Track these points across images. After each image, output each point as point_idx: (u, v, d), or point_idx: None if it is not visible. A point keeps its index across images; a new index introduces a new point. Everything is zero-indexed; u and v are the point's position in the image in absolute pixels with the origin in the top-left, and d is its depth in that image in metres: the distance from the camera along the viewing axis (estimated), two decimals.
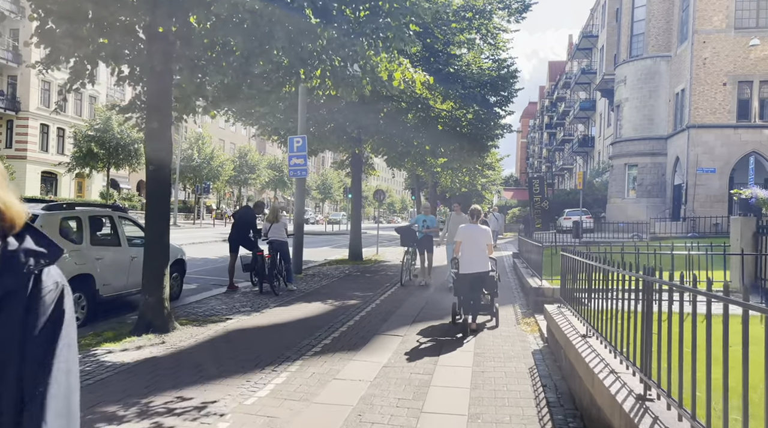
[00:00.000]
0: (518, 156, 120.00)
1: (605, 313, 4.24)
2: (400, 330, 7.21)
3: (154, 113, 6.86)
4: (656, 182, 31.77)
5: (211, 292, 10.33)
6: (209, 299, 9.44)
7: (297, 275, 12.57)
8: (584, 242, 19.71)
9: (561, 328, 5.14)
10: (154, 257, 6.82)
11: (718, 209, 27.06)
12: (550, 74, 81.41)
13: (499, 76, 16.04)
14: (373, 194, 20.87)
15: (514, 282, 12.27)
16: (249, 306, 8.79)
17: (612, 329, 3.93)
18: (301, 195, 12.91)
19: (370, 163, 19.63)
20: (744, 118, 27.37)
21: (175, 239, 24.86)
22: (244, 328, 7.12)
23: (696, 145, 27.63)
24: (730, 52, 27.34)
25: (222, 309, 8.51)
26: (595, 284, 4.96)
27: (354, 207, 17.37)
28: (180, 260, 9.70)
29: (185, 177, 46.79)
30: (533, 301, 8.48)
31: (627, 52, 33.34)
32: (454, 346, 6.37)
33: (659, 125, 31.64)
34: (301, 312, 8.30)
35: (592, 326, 4.55)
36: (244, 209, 10.78)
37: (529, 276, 10.09)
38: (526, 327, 7.49)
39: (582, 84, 52.85)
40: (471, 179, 39.13)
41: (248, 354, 5.80)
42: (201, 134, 46.59)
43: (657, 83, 31.64)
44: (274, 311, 8.35)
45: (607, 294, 4.28)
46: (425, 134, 15.97)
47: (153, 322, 6.73)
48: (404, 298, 9.75)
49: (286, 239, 10.51)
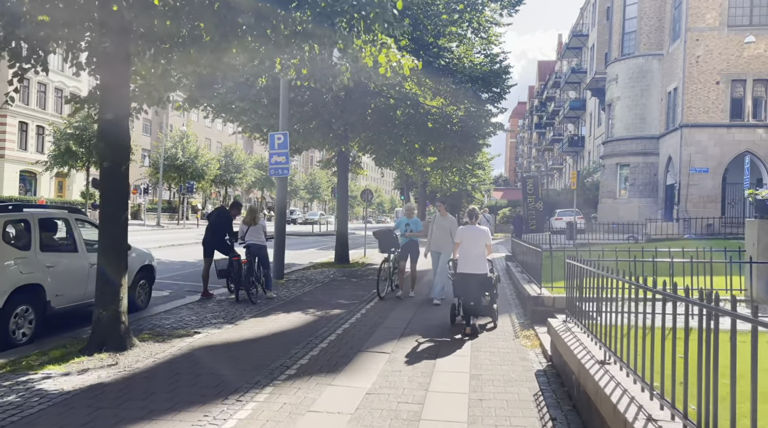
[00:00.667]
0: (507, 156, 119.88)
1: (630, 335, 3.55)
2: (387, 345, 6.48)
3: (109, 103, 6.07)
4: (648, 182, 31.37)
5: (183, 300, 9.54)
6: (180, 309, 8.65)
7: (278, 281, 11.80)
8: (578, 244, 19.14)
9: (571, 350, 4.44)
10: (109, 265, 6.03)
11: (711, 209, 26.68)
12: (539, 74, 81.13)
13: (491, 72, 15.39)
14: (361, 193, 20.13)
15: (509, 288, 11.59)
16: (222, 317, 8.02)
17: (643, 358, 3.24)
18: (283, 195, 12.14)
19: (357, 162, 18.89)
20: (737, 117, 27.01)
21: (156, 240, 23.91)
22: (212, 344, 6.35)
23: (689, 144, 27.22)
24: (723, 50, 26.97)
25: (192, 321, 7.73)
26: (609, 296, 4.28)
27: (340, 207, 16.62)
28: (148, 266, 8.89)
29: (169, 176, 45.69)
30: (532, 311, 7.79)
31: (618, 51, 32.90)
32: (447, 365, 5.66)
33: (651, 125, 31.24)
34: (277, 324, 7.54)
35: (612, 350, 3.86)
36: (219, 210, 9.98)
37: (526, 282, 9.41)
38: (526, 341, 6.80)
39: (572, 83, 52.50)
40: (461, 179, 38.55)
41: (211, 378, 5.05)
42: (185, 132, 45.50)
43: (649, 82, 31.24)
44: (248, 324, 7.59)
45: (631, 312, 3.60)
46: (415, 131, 15.26)
47: (107, 339, 5.95)
48: (391, 308, 9.02)
49: (264, 243, 9.75)
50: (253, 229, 9.66)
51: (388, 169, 19.91)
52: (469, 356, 6.06)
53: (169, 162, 44.01)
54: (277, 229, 12.09)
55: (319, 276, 13.06)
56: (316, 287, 11.38)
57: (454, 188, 44.02)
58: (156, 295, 10.09)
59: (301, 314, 8.37)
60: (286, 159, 11.74)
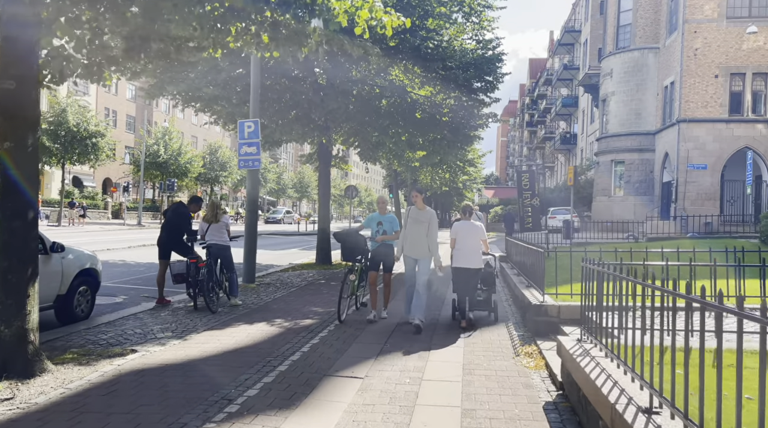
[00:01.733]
0: (498, 155, 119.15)
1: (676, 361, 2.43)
2: (361, 367, 5.34)
3: (11, 69, 4.87)
4: (644, 179, 30.47)
5: (136, 308, 8.34)
6: (126, 320, 7.46)
7: (249, 285, 10.62)
8: (576, 243, 18.12)
9: (597, 386, 3.32)
10: (12, 270, 4.84)
11: (709, 207, 25.80)
12: (530, 71, 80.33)
13: (483, 58, 14.27)
14: (344, 190, 18.97)
15: (504, 292, 10.49)
16: (172, 330, 6.84)
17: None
18: (255, 190, 10.95)
19: (341, 156, 17.72)
20: (736, 112, 26.14)
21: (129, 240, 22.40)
22: (146, 368, 5.17)
23: (686, 140, 26.31)
24: (722, 42, 26.08)
25: (134, 335, 6.54)
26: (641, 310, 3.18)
27: (321, 205, 15.45)
28: (89, 270, 7.69)
29: (151, 174, 44.23)
30: (533, 322, 6.68)
31: (613, 44, 31.97)
32: (433, 396, 4.53)
33: (647, 120, 30.34)
34: (234, 340, 6.37)
35: (667, 399, 2.73)
36: (176, 207, 8.77)
37: (525, 287, 8.30)
38: (528, 359, 5.68)
39: (564, 80, 51.63)
40: (452, 177, 37.55)
41: (124, 422, 3.87)
42: (167, 128, 44.04)
43: (645, 76, 30.33)
44: (199, 338, 6.41)
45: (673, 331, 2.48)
46: (402, 122, 14.13)
47: (9, 364, 4.76)
48: (354, 334, 7.85)
49: (227, 243, 8.57)
50: (214, 227, 8.48)
51: (374, 164, 18.75)
52: (461, 381, 4.94)
53: (150, 159, 42.56)
54: (248, 227, 10.90)
55: (296, 279, 11.89)
56: (290, 291, 10.21)
57: (445, 186, 43.06)
58: (106, 302, 8.90)
59: (265, 325, 7.21)
60: (257, 150, 10.55)
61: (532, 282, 8.23)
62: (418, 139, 15.33)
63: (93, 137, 33.13)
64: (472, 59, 13.67)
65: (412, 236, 7.34)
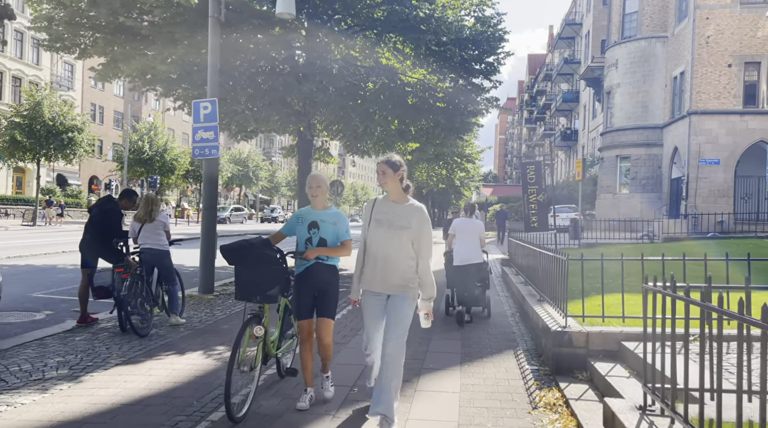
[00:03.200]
0: (497, 153, 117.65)
1: None
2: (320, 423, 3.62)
3: None
4: (651, 175, 28.85)
5: (50, 329, 6.66)
6: (24, 347, 5.78)
7: (206, 297, 8.93)
8: (585, 244, 16.48)
9: None
10: None
11: (722, 204, 24.20)
12: (529, 67, 78.70)
13: (483, 35, 12.58)
14: (330, 183, 17.29)
15: (507, 305, 8.82)
16: (71, 365, 5.15)
17: None
18: (213, 183, 9.26)
19: (325, 148, 16.04)
20: (751, 103, 24.55)
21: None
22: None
23: (698, 133, 24.70)
24: (735, 29, 24.47)
25: (17, 373, 4.87)
26: None
27: (301, 203, 13.78)
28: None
29: (135, 171, 42.43)
30: (552, 352, 5.01)
31: (618, 34, 30.33)
32: None
33: (654, 113, 28.72)
34: (147, 381, 4.69)
35: None
36: (103, 202, 7.05)
37: (536, 303, 6.64)
38: (551, 415, 4.00)
39: (564, 75, 50.02)
40: (448, 174, 35.92)
41: None
42: (152, 123, 42.27)
43: (652, 67, 28.70)
44: (101, 379, 4.73)
45: None
46: (391, 106, 12.45)
47: None
48: (337, 350, 6.03)
49: (165, 248, 6.88)
50: (148, 228, 6.79)
51: (363, 158, 17.07)
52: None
53: (134, 156, 40.77)
54: (205, 228, 9.21)
55: None
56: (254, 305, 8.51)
57: (442, 184, 41.43)
58: (20, 320, 7.23)
59: (200, 356, 5.53)
60: (214, 135, 8.86)
61: (545, 296, 6.57)
62: (410, 127, 13.65)
63: (69, 132, 31.30)
64: (470, 35, 11.99)
65: (380, 253, 3.69)
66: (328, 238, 4.10)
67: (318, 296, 4.11)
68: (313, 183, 4.12)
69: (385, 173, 3.68)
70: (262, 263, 3.93)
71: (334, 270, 4.20)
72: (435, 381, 4.82)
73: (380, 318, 3.77)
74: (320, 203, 4.16)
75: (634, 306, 5.51)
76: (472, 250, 7.38)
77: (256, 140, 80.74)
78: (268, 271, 3.93)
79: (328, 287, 4.11)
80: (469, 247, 7.39)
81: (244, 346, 3.89)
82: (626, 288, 5.43)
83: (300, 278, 4.14)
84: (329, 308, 4.09)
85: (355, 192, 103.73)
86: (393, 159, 3.69)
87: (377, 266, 3.70)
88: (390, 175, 3.68)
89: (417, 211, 3.68)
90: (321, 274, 4.10)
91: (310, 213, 4.16)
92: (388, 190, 3.75)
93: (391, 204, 3.75)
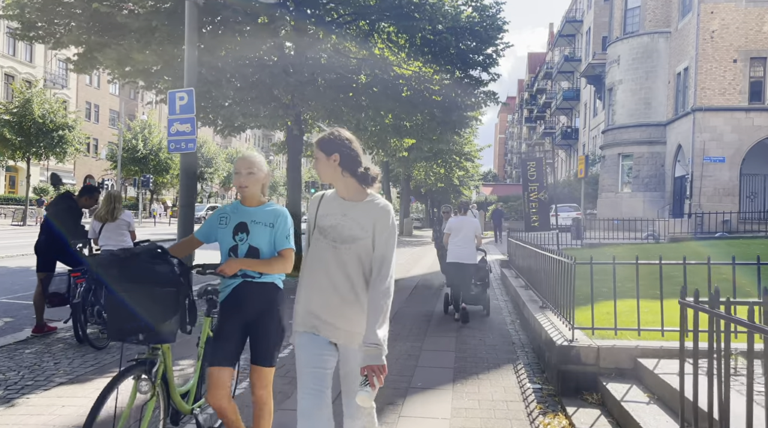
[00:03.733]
0: (496, 152, 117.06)
1: None
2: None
3: None
4: (654, 173, 28.23)
5: (1, 340, 6.03)
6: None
7: None
8: (588, 244, 15.85)
9: None
10: None
11: (727, 203, 23.58)
12: (529, 66, 78.07)
13: (481, 25, 11.94)
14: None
15: (506, 310, 8.20)
16: (7, 384, 4.53)
17: None
18: (191, 180, 8.62)
19: None
20: (757, 99, 23.93)
21: None
22: None
23: (702, 130, 24.06)
24: (741, 24, 23.85)
25: None
26: None
27: (290, 201, 13.16)
28: None
29: (129, 170, 41.82)
30: (558, 372, 4.37)
31: (620, 29, 29.70)
32: None
33: (657, 110, 28.10)
34: (85, 408, 4.03)
35: None
36: (58, 199, 6.42)
37: (539, 311, 6.01)
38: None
39: (565, 73, 49.41)
40: (447, 172, 35.26)
41: None
42: (146, 121, 41.63)
43: (655, 63, 28.08)
44: (36, 403, 4.10)
45: None
46: (384, 100, 11.81)
47: None
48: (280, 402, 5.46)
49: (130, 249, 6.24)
50: (110, 228, 6.15)
51: None
52: None
53: (128, 155, 40.17)
54: (182, 227, 8.57)
55: None
56: None
57: (441, 182, 40.76)
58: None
59: None
60: (191, 128, 8.22)
61: (548, 302, 5.93)
62: (405, 122, 13.02)
63: (60, 130, 30.65)
64: (467, 24, 11.36)
65: (322, 281, 2.41)
66: (261, 247, 2.84)
67: (249, 332, 2.86)
68: (241, 168, 2.86)
69: (318, 160, 2.40)
70: (148, 284, 2.61)
71: (273, 292, 2.89)
72: (423, 403, 4.19)
73: (322, 380, 2.33)
74: (252, 196, 2.91)
75: (649, 315, 4.88)
76: (465, 249, 7.40)
77: (254, 139, 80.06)
78: (159, 295, 2.61)
79: (262, 317, 2.83)
80: (463, 246, 7.42)
81: (128, 406, 2.67)
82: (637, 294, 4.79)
83: (223, 307, 2.90)
84: (264, 351, 2.80)
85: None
86: (325, 137, 2.41)
87: (316, 299, 2.37)
88: (322, 160, 2.37)
89: (379, 213, 2.35)
90: (251, 299, 2.83)
91: (238, 211, 2.93)
92: (325, 175, 2.41)
93: (341, 202, 2.41)
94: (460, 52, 12.22)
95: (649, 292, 5.34)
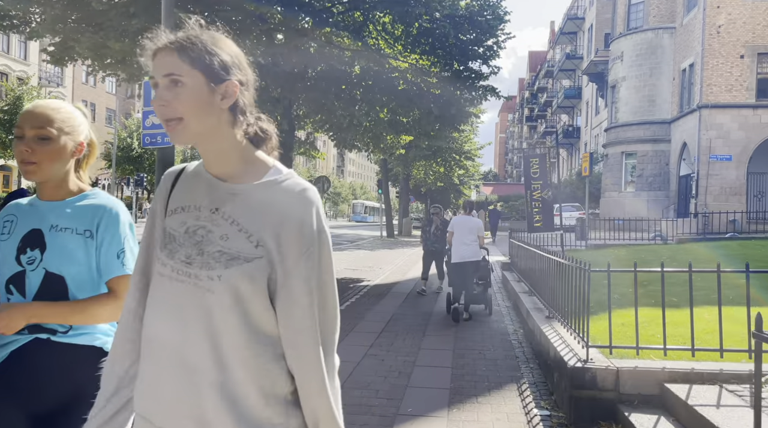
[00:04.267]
0: (497, 151, 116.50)
1: None
2: None
3: None
4: (658, 172, 27.61)
5: None
6: None
7: None
8: (592, 245, 15.24)
9: None
10: None
11: (734, 203, 22.95)
12: (530, 64, 77.49)
13: (480, 16, 11.33)
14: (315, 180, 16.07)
15: (509, 318, 7.58)
16: None
17: None
18: None
19: (311, 141, 14.80)
20: (764, 96, 23.30)
21: None
22: None
23: (708, 128, 23.44)
24: (748, 19, 23.22)
25: None
26: None
27: None
28: None
29: (124, 169, 41.20)
30: (570, 396, 3.75)
31: (624, 25, 29.08)
32: None
33: (662, 107, 27.48)
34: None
35: None
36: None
37: (545, 321, 5.39)
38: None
39: (566, 71, 48.82)
40: (447, 171, 34.64)
41: None
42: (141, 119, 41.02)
43: (659, 59, 27.46)
44: None
45: None
46: (379, 94, 11.21)
47: None
48: None
49: None
50: None
51: (350, 151, 15.83)
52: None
53: (123, 153, 39.57)
54: None
55: None
56: None
57: (440, 182, 40.15)
58: None
59: None
60: None
61: (555, 312, 5.31)
62: (401, 117, 12.41)
63: None
64: (466, 13, 10.74)
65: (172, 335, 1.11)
66: (68, 274, 1.58)
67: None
68: (26, 127, 1.59)
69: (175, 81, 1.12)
70: None
71: (91, 361, 1.52)
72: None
73: None
74: (52, 180, 1.66)
75: (669, 327, 4.23)
76: (468, 248, 7.46)
77: None
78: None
79: (67, 413, 1.51)
80: (466, 244, 7.47)
81: None
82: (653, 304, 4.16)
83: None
84: None
85: (354, 192, 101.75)
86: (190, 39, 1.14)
87: (164, 385, 1.12)
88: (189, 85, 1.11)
89: (291, 205, 1.15)
90: (47, 373, 1.53)
91: (31, 209, 1.68)
92: (194, 138, 1.16)
93: (213, 185, 1.19)
94: (460, 43, 11.61)
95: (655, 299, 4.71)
